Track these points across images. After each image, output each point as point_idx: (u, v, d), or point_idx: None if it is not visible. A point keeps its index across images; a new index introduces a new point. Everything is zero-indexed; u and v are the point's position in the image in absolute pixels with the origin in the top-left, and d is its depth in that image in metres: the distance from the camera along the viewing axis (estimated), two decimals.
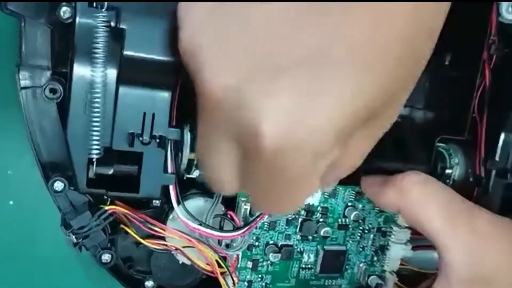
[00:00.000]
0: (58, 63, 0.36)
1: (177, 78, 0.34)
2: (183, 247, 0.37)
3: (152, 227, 0.36)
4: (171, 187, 0.35)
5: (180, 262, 0.41)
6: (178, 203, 0.36)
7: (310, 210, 0.41)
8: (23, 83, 0.35)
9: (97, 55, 0.31)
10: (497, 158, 0.43)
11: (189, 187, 0.39)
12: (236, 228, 0.37)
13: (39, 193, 0.42)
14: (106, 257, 0.38)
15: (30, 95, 0.36)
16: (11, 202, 0.43)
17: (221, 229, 0.37)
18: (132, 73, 0.32)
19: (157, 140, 0.33)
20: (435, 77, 0.46)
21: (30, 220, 0.43)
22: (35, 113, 0.36)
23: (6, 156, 0.42)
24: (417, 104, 0.47)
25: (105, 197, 0.36)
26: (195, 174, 0.39)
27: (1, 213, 0.43)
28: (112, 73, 0.32)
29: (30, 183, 0.43)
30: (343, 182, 0.41)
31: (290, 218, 0.41)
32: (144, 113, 0.33)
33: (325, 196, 0.41)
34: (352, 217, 0.42)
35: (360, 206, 0.43)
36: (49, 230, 0.44)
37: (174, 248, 0.37)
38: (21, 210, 0.43)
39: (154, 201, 0.39)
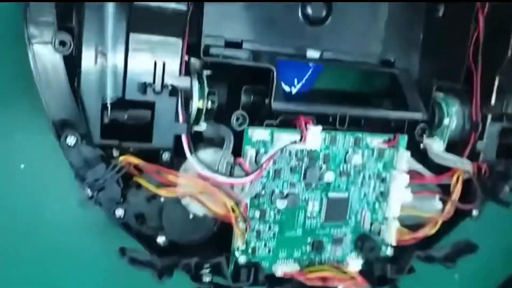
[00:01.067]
0: (63, 19, 0.36)
1: (185, 26, 0.34)
2: (199, 192, 0.37)
3: (166, 176, 0.37)
4: (183, 137, 0.36)
5: (191, 216, 0.41)
6: (191, 152, 0.36)
7: (312, 157, 0.42)
8: (31, 37, 0.35)
9: (107, 4, 0.32)
10: (492, 103, 0.45)
11: (196, 141, 0.40)
12: (246, 174, 0.38)
13: (49, 156, 0.43)
14: (119, 212, 0.39)
15: (38, 50, 0.36)
16: (22, 166, 0.43)
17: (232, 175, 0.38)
18: (143, 21, 0.33)
19: (169, 88, 0.34)
20: (430, 29, 0.47)
21: (41, 183, 0.44)
22: (44, 69, 0.36)
23: (14, 121, 0.42)
24: (413, 55, 0.48)
25: (115, 148, 0.37)
26: (202, 127, 0.40)
27: (12, 177, 0.43)
28: (122, 21, 0.33)
29: (39, 147, 0.43)
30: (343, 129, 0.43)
31: (293, 166, 0.42)
32: (155, 62, 0.34)
33: (326, 143, 0.42)
34: (352, 161, 0.43)
35: (360, 152, 0.44)
36: (58, 193, 0.44)
37: (189, 194, 0.37)
38: (32, 173, 0.43)
39: (163, 155, 0.39)
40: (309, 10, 0.43)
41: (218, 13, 0.40)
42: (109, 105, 0.33)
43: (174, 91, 0.34)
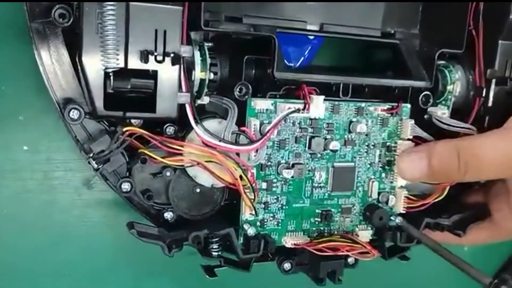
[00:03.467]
0: None
1: None
2: (205, 161, 0.37)
3: (172, 145, 0.37)
4: (187, 106, 0.36)
5: (198, 190, 0.42)
6: (196, 121, 0.36)
7: (316, 127, 0.42)
8: (31, 16, 0.35)
9: None
10: (496, 67, 0.45)
11: (200, 114, 0.40)
12: (252, 142, 0.38)
13: (51, 138, 0.43)
14: (125, 186, 0.39)
15: (39, 28, 0.36)
16: (25, 148, 0.43)
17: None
18: None
19: (171, 55, 0.34)
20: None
21: (44, 164, 0.44)
22: (46, 46, 0.36)
23: (16, 102, 0.42)
24: (413, 24, 0.48)
25: (119, 122, 0.37)
26: (205, 100, 0.40)
27: (15, 158, 0.43)
28: None
29: (41, 128, 0.43)
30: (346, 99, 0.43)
31: (298, 136, 0.42)
32: (156, 30, 0.34)
33: (330, 111, 0.42)
34: (357, 130, 0.43)
35: (364, 121, 0.44)
36: (61, 173, 0.44)
37: (196, 163, 0.37)
38: (34, 156, 0.43)
39: (167, 129, 0.39)
40: None
41: None
42: (111, 74, 0.33)
43: (176, 59, 0.34)
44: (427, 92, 0.45)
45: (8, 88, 0.42)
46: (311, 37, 0.47)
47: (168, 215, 0.42)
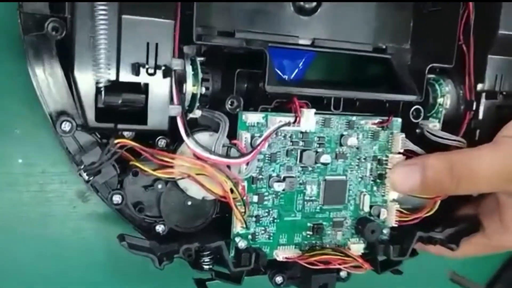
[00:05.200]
0: (57, 10, 0.37)
1: (176, 7, 0.35)
2: (196, 174, 0.37)
3: (163, 157, 0.37)
4: (178, 119, 0.36)
5: (189, 203, 0.42)
6: (187, 134, 0.37)
7: (307, 140, 0.42)
8: (25, 29, 0.36)
9: None
10: (486, 81, 0.45)
11: (192, 128, 0.40)
12: (243, 154, 0.38)
13: (47, 151, 0.44)
14: (117, 198, 0.39)
15: (33, 41, 0.36)
16: (20, 161, 0.44)
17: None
18: (134, 2, 0.33)
19: (163, 68, 0.34)
20: (420, 13, 0.48)
21: (39, 177, 0.44)
22: (39, 59, 0.36)
23: (12, 115, 0.43)
24: (404, 40, 0.48)
25: (111, 134, 0.37)
26: (197, 114, 0.40)
27: (11, 171, 0.43)
28: (114, 4, 0.33)
29: (37, 141, 0.44)
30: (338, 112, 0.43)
31: (290, 149, 0.42)
32: (148, 43, 0.34)
33: (321, 125, 0.43)
34: (348, 144, 0.43)
35: (355, 134, 0.44)
36: (57, 186, 0.44)
37: (187, 175, 0.38)
38: (30, 168, 0.44)
39: (159, 141, 0.39)
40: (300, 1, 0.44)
41: (209, 4, 0.41)
42: (102, 89, 0.33)
43: (167, 72, 0.35)
44: (418, 106, 0.46)
45: (4, 101, 0.42)
46: None
47: (159, 228, 0.42)
